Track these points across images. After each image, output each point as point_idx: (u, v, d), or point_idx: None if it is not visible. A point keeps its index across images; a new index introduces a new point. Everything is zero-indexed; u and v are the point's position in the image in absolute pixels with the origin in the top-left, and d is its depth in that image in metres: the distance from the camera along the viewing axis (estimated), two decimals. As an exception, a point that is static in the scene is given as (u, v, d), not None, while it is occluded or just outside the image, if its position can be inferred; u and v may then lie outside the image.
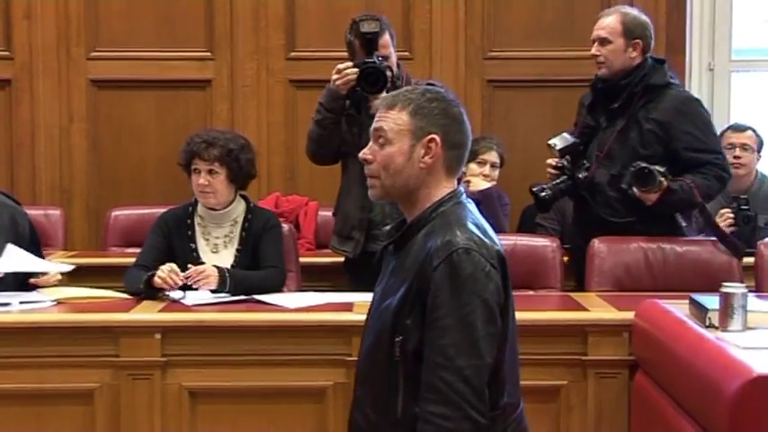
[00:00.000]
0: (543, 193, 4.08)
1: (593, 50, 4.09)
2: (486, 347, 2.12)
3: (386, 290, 2.29)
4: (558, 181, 4.09)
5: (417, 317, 2.16)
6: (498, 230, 4.13)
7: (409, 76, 4.08)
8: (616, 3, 5.39)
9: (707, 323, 2.89)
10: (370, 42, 3.86)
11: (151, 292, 3.57)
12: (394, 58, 4.01)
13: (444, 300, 2.12)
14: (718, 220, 4.50)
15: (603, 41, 4.07)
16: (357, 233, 4.01)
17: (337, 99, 3.90)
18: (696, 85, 5.67)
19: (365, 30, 3.85)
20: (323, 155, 4.09)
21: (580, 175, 4.06)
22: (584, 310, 3.48)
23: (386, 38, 3.96)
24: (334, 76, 3.86)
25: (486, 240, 2.19)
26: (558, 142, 4.11)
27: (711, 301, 2.92)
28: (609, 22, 4.09)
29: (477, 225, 2.23)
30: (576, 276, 4.15)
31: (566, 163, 4.10)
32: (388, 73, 3.84)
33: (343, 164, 4.09)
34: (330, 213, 4.45)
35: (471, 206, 2.30)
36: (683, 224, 4.05)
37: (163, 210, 3.98)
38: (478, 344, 2.11)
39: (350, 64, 3.85)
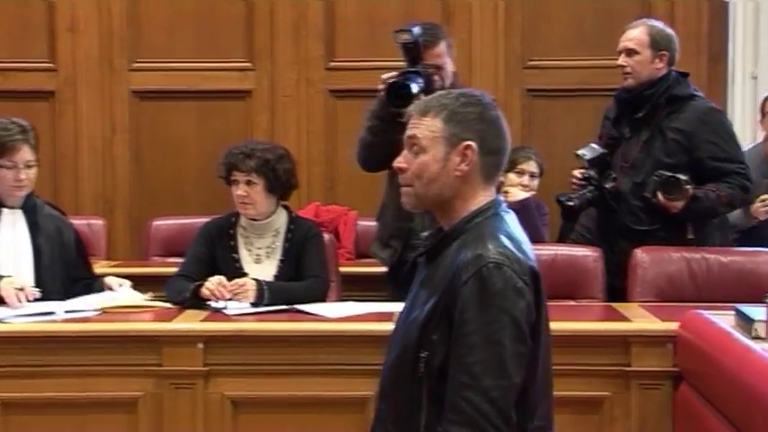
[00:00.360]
0: (570, 203, 4.13)
1: (620, 61, 4.15)
2: (513, 367, 2.04)
3: (414, 301, 2.22)
4: (584, 191, 4.13)
5: (444, 332, 2.09)
6: (537, 241, 4.14)
7: (464, 88, 4.06)
8: (656, 11, 5.37)
9: (753, 334, 2.86)
10: (410, 52, 3.86)
11: (196, 301, 3.59)
12: (449, 68, 4.00)
13: (472, 316, 2.04)
14: (757, 205, 4.48)
15: (630, 52, 4.12)
16: (395, 241, 4.01)
17: (385, 107, 3.90)
18: (739, 94, 5.62)
19: (399, 41, 3.86)
20: (374, 161, 4.08)
21: (607, 185, 4.10)
22: (627, 320, 3.45)
23: (440, 47, 3.97)
24: (380, 86, 3.87)
25: (519, 255, 2.11)
26: (588, 152, 4.15)
27: (757, 312, 2.89)
28: (636, 34, 4.14)
29: (511, 238, 2.14)
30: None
31: (592, 173, 4.12)
32: (438, 82, 3.82)
33: (390, 171, 4.09)
34: (369, 223, 4.46)
35: (510, 217, 2.22)
36: (691, 236, 4.05)
37: (204, 220, 3.99)
38: (506, 363, 2.03)
39: (394, 74, 3.84)
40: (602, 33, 5.52)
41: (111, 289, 3.69)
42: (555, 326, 2.27)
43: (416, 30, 3.88)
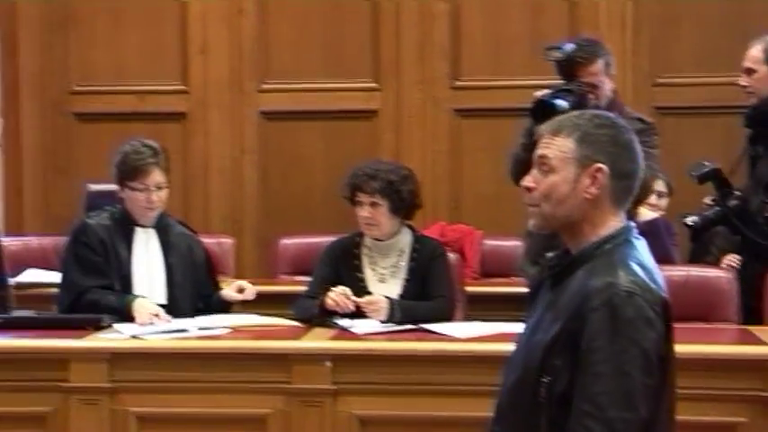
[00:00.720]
0: (692, 223, 4.03)
1: (741, 81, 4.14)
2: (641, 400, 1.97)
3: (538, 324, 2.17)
4: (708, 211, 4.04)
5: (568, 358, 2.03)
6: (667, 261, 4.06)
7: (623, 107, 3.99)
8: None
9: None
10: (562, 69, 3.84)
11: (324, 315, 3.63)
12: (606, 86, 3.95)
13: (601, 345, 1.99)
14: None
15: (749, 71, 4.12)
16: (543, 260, 3.97)
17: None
18: None
19: (550, 58, 3.84)
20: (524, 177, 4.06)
21: (730, 204, 3.98)
22: (764, 344, 3.35)
23: (596, 65, 3.92)
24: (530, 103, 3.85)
25: (651, 285, 2.05)
26: (696, 169, 4.06)
27: None
28: (753, 53, 4.13)
29: (643, 267, 2.08)
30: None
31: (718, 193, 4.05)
32: (593, 101, 3.75)
33: None
34: (495, 242, 4.43)
35: (641, 244, 2.15)
36: None
37: (330, 239, 4.03)
38: (633, 395, 1.97)
39: (546, 91, 3.79)
40: (732, 48, 5.34)
41: (228, 301, 3.79)
42: (688, 349, 2.24)
43: (569, 46, 3.84)
